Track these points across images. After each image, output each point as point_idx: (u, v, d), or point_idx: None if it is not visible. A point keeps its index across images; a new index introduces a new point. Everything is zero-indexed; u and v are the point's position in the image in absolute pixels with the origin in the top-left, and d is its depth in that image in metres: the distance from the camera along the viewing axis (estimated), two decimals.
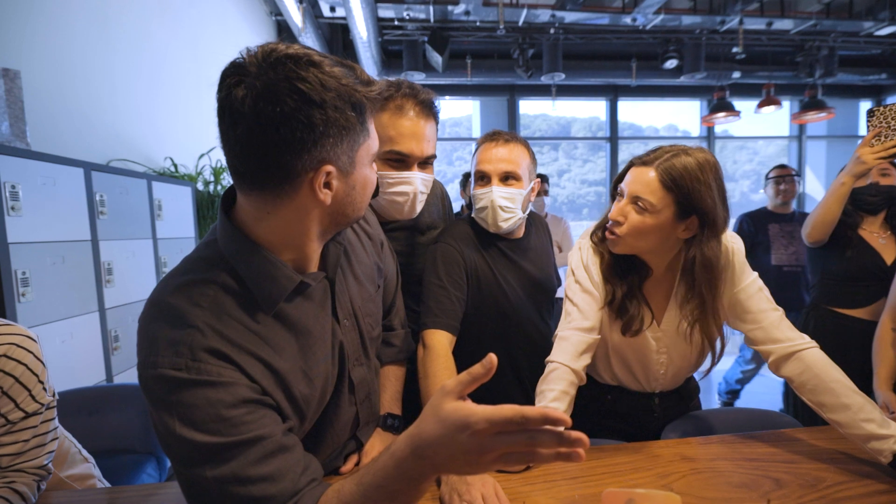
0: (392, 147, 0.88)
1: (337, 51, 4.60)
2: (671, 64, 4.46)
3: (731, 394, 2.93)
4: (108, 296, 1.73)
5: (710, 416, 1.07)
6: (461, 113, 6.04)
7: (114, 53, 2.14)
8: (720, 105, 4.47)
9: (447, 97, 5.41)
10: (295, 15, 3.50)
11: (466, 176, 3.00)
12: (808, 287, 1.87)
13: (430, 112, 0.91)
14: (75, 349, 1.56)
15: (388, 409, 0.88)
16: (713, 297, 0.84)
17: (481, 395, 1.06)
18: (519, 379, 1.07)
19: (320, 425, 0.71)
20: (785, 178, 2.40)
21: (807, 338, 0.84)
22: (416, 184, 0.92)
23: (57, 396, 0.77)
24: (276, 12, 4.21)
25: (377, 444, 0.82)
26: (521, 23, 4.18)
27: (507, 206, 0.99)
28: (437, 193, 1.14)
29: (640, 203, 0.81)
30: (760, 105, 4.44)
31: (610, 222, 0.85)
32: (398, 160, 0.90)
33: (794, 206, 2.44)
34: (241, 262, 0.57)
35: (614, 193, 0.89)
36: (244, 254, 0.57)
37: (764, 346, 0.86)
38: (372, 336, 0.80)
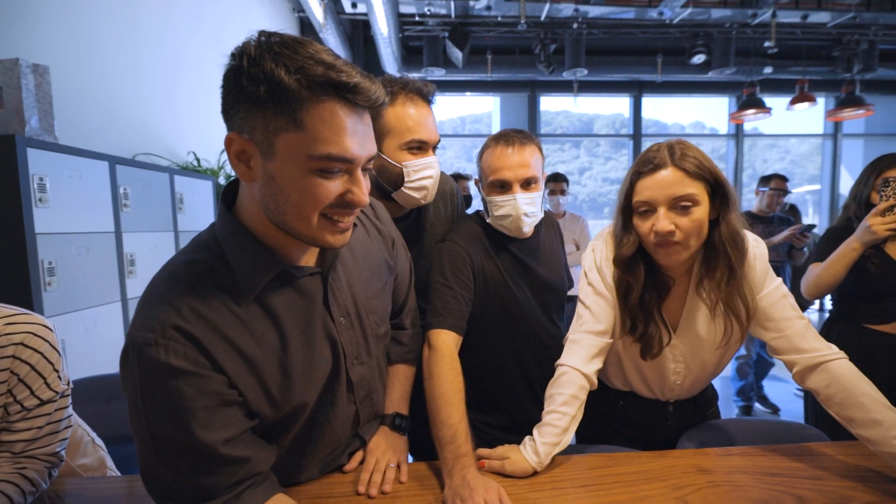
0: (414, 136, 0.93)
1: (358, 47, 4.63)
2: (699, 59, 4.31)
3: (742, 395, 2.85)
4: (131, 286, 1.78)
5: (730, 425, 1.02)
6: (481, 109, 6.00)
7: (139, 50, 2.19)
8: (750, 101, 4.30)
9: (468, 93, 5.38)
10: (317, 10, 3.53)
11: (456, 177, 3.26)
12: (788, 280, 2.48)
13: (429, 102, 0.98)
14: (98, 338, 1.61)
15: (397, 408, 0.87)
16: (741, 268, 0.81)
17: (491, 397, 1.06)
18: (528, 381, 1.05)
19: (316, 423, 0.71)
20: (784, 193, 2.72)
21: (834, 348, 0.79)
22: (435, 166, 0.97)
23: (71, 385, 0.79)
24: (299, 9, 4.25)
25: (382, 443, 0.80)
26: (543, 17, 4.11)
27: (531, 212, 0.99)
28: (447, 189, 1.13)
29: (683, 202, 0.77)
30: (793, 101, 4.26)
31: (655, 238, 0.79)
32: (419, 148, 0.95)
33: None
34: (230, 244, 0.59)
35: (628, 212, 0.84)
36: (233, 237, 0.60)
37: (788, 356, 0.81)
38: (378, 334, 0.79)
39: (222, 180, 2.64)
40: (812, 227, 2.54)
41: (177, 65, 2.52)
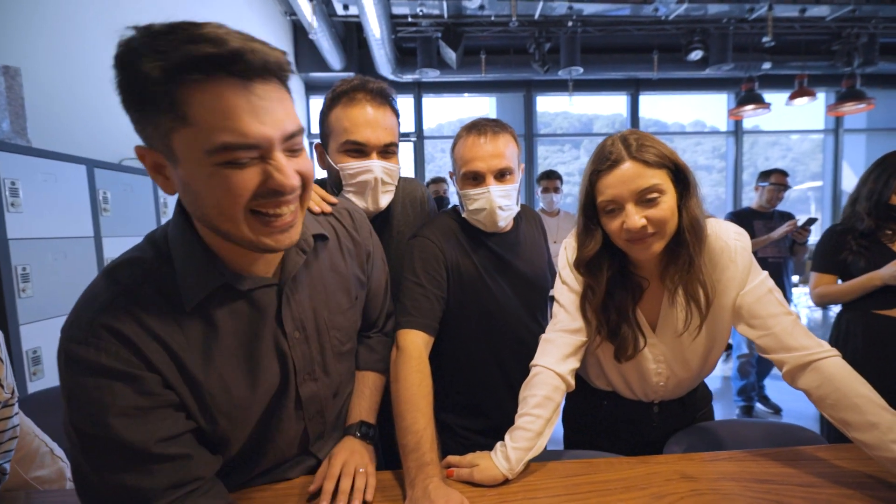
0: (347, 137, 0.88)
1: (351, 50, 4.61)
2: (696, 55, 4.26)
3: (743, 394, 2.78)
4: None
5: (721, 428, 0.97)
6: (478, 111, 5.97)
7: None
8: (748, 97, 4.24)
9: (465, 94, 5.35)
10: (307, 12, 3.51)
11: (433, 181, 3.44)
12: (790, 276, 2.63)
13: (384, 100, 0.91)
14: None
15: (365, 417, 0.80)
16: (699, 255, 0.77)
17: (470, 399, 1.02)
18: (509, 382, 1.00)
19: (260, 438, 0.67)
20: (785, 187, 2.64)
21: (826, 345, 0.74)
22: (375, 170, 0.90)
23: (17, 394, 0.75)
24: (291, 12, 4.24)
25: (348, 447, 0.74)
26: (537, 16, 4.09)
27: (505, 205, 0.95)
28: (417, 197, 1.08)
29: (649, 195, 0.73)
30: (793, 96, 4.19)
31: (627, 234, 0.75)
32: (357, 151, 0.89)
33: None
34: (178, 248, 0.57)
35: (593, 216, 0.80)
36: (182, 241, 0.57)
37: (776, 355, 0.76)
38: (340, 351, 0.75)
39: None
40: (814, 220, 2.49)
41: None
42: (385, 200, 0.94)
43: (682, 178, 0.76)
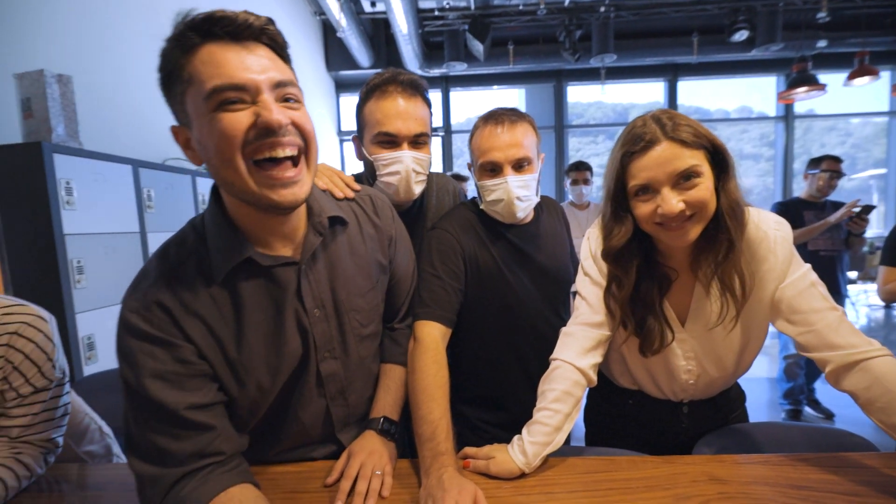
0: (380, 129, 0.91)
1: (379, 47, 4.65)
2: (741, 36, 4.00)
3: (790, 397, 2.58)
4: None
5: (758, 430, 0.91)
6: (507, 103, 5.89)
7: None
8: (801, 79, 3.93)
9: (494, 86, 5.29)
10: (335, 11, 3.57)
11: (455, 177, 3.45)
12: (845, 271, 2.34)
13: (415, 91, 0.93)
14: None
15: (388, 413, 0.80)
16: (740, 241, 0.72)
17: (489, 393, 1.01)
18: (528, 376, 0.98)
19: (285, 412, 0.72)
20: (838, 175, 2.43)
21: (876, 343, 0.68)
22: (406, 161, 0.92)
23: (68, 375, 0.82)
24: (320, 11, 4.33)
25: (367, 445, 0.74)
26: (566, 2, 3.97)
27: (524, 196, 0.93)
28: (450, 190, 1.11)
29: (686, 176, 0.69)
30: (852, 76, 3.85)
31: (662, 220, 0.71)
32: (389, 141, 0.92)
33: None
34: (210, 229, 0.64)
35: (623, 201, 0.75)
36: (213, 222, 0.64)
37: (819, 354, 0.71)
38: (361, 334, 0.77)
39: None
40: (872, 208, 2.28)
41: None
42: (418, 189, 0.96)
43: (719, 159, 0.71)
